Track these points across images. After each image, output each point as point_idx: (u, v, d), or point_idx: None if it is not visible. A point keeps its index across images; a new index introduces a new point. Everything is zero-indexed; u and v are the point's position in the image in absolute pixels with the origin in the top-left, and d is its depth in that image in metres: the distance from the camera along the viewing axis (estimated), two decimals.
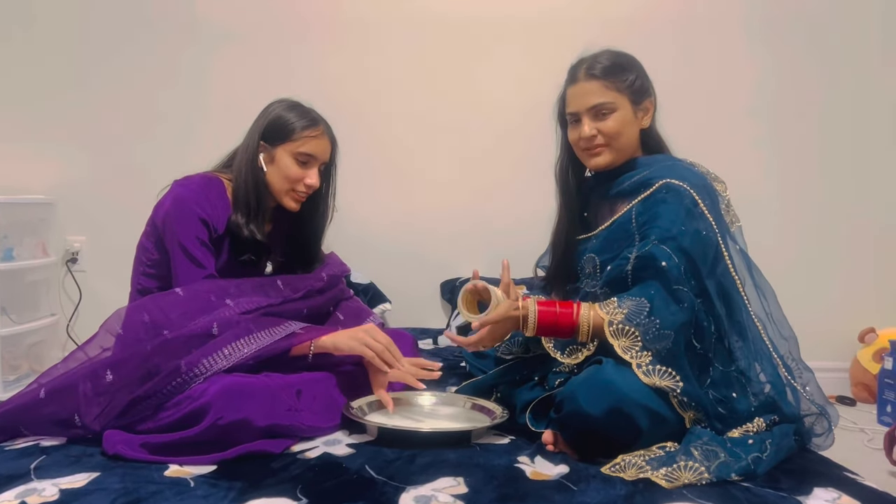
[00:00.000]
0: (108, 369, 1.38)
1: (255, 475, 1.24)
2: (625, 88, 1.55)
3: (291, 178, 1.65)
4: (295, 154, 1.64)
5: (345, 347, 1.53)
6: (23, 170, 2.78)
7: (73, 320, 2.81)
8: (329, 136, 1.71)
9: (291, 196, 1.68)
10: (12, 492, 1.15)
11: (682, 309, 1.41)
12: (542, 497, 1.17)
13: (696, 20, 2.76)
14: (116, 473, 1.23)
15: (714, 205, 1.53)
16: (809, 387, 1.53)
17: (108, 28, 2.80)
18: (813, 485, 1.25)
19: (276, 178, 1.66)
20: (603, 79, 1.55)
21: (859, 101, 2.76)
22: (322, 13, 2.80)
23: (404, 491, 1.17)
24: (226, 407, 1.30)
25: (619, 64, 1.57)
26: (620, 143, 1.58)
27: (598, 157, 1.59)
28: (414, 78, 2.82)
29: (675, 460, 1.27)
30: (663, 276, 1.42)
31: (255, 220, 1.65)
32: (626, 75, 1.56)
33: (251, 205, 1.64)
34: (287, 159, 1.64)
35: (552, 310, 1.47)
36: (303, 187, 1.67)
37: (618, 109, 1.55)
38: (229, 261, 1.66)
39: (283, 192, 1.67)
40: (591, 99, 1.55)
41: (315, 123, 1.67)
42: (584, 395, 1.33)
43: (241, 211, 1.64)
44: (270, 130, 1.66)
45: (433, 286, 2.84)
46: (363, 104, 2.79)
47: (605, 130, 1.56)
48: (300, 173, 1.65)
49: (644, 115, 1.60)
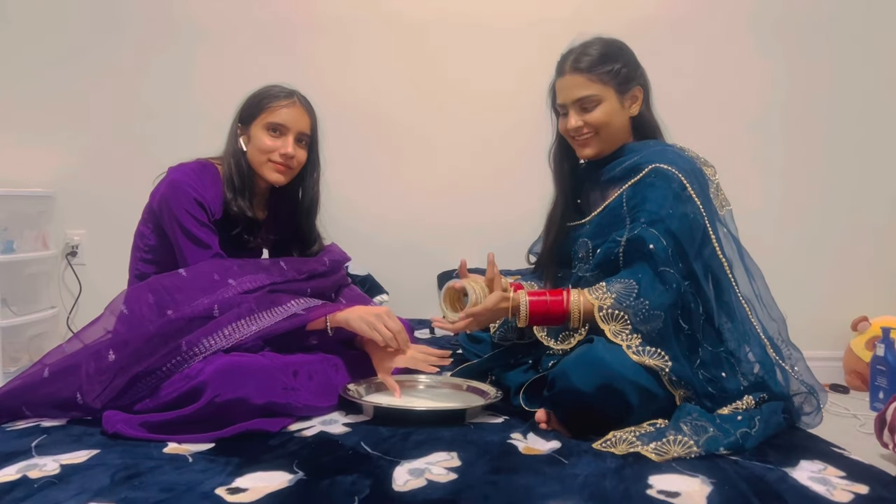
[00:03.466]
0: (111, 349, 1.41)
1: (253, 451, 1.26)
2: (609, 80, 1.57)
3: (265, 149, 1.66)
4: (266, 125, 1.67)
5: (356, 327, 1.56)
6: (23, 163, 2.80)
7: (72, 313, 2.83)
8: (304, 106, 1.72)
9: (271, 167, 1.68)
10: (14, 467, 1.17)
11: (669, 290, 1.43)
12: (534, 470, 1.19)
13: (704, 20, 2.80)
14: (116, 451, 1.25)
15: (703, 189, 1.56)
16: (798, 367, 1.56)
17: (107, 22, 2.82)
18: (800, 458, 1.28)
19: (254, 153, 1.68)
20: (587, 72, 1.57)
21: (863, 95, 2.78)
22: (334, 9, 2.83)
23: (398, 464, 1.20)
24: (223, 385, 1.32)
25: (605, 55, 1.58)
26: (608, 133, 1.60)
27: (586, 147, 1.63)
28: (413, 71, 2.84)
29: (664, 435, 1.29)
30: (650, 259, 1.45)
31: (242, 196, 1.67)
32: (611, 66, 1.57)
33: (236, 184, 1.67)
34: (259, 132, 1.67)
35: (543, 299, 1.49)
36: (278, 157, 1.67)
37: (603, 101, 1.58)
38: (225, 245, 1.68)
39: (261, 164, 1.68)
40: (576, 92, 1.59)
41: (286, 95, 1.69)
42: (576, 372, 1.35)
43: (229, 191, 1.67)
44: (245, 111, 1.70)
45: (430, 277, 2.85)
46: (362, 97, 2.81)
47: (592, 121, 1.59)
48: (273, 144, 1.66)
49: (632, 103, 1.62)
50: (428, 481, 1.13)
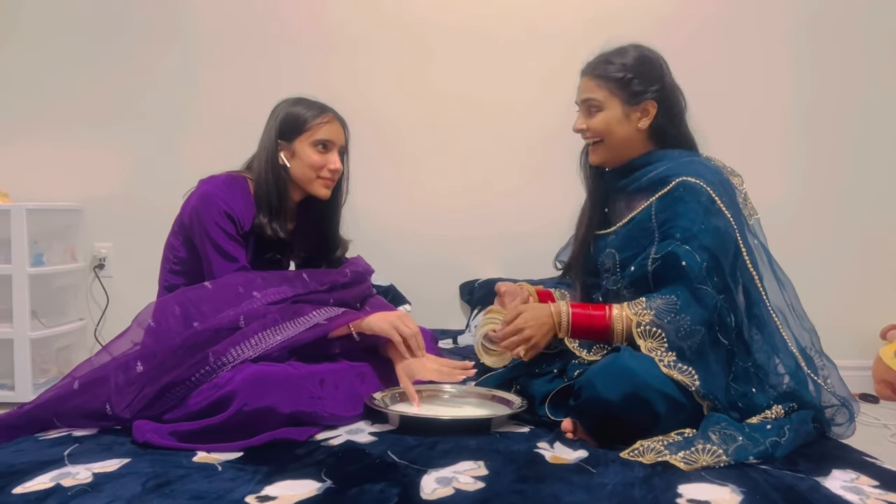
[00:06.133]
0: (139, 360, 1.43)
1: (281, 460, 1.27)
2: (618, 90, 1.57)
3: (315, 165, 1.71)
4: (313, 142, 1.71)
5: (376, 328, 1.60)
6: (52, 177, 2.86)
7: (100, 325, 2.87)
8: (339, 120, 1.77)
9: (321, 183, 1.74)
10: (48, 475, 1.19)
11: (706, 308, 1.42)
12: (561, 479, 1.18)
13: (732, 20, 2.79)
14: (146, 459, 1.26)
15: (731, 200, 1.54)
16: (831, 379, 1.53)
17: (136, 37, 2.88)
18: (831, 467, 1.26)
19: (301, 169, 1.72)
20: (597, 77, 1.59)
21: (890, 100, 2.76)
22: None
23: (426, 473, 1.20)
24: (251, 394, 1.34)
25: (624, 65, 1.57)
26: (612, 142, 1.60)
27: (593, 153, 1.64)
28: (432, 82, 2.87)
29: (692, 444, 1.28)
30: (686, 276, 1.44)
31: (278, 218, 1.71)
32: (623, 75, 1.56)
33: (272, 203, 1.70)
34: (307, 149, 1.71)
35: (585, 312, 1.49)
36: (327, 172, 1.72)
37: (605, 109, 1.58)
38: (253, 260, 1.71)
39: (311, 181, 1.73)
40: (584, 94, 1.61)
41: (324, 110, 1.74)
42: (602, 381, 1.35)
43: (263, 211, 1.70)
44: (284, 127, 1.72)
45: (452, 288, 2.87)
46: (380, 110, 2.83)
47: (591, 127, 1.60)
48: (322, 160, 1.71)
49: (642, 116, 1.58)
50: (456, 490, 1.13)
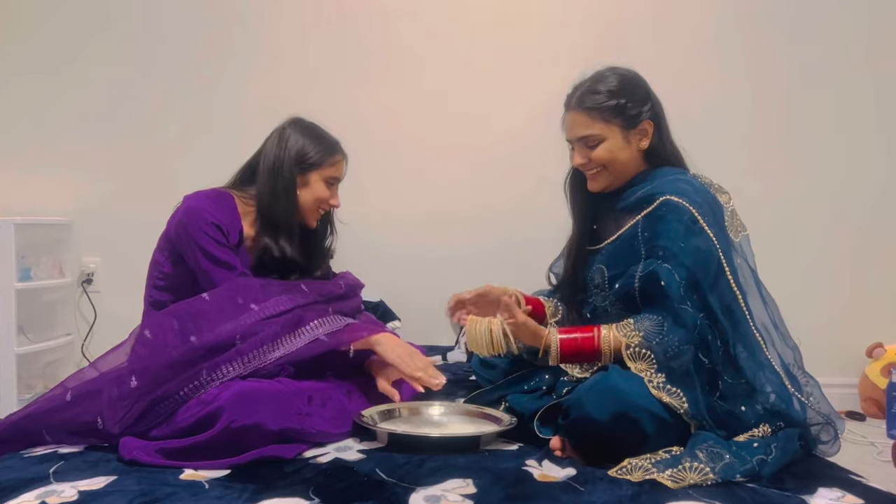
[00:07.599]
0: (134, 375, 1.42)
1: (268, 478, 1.26)
2: (614, 117, 1.57)
3: (322, 199, 1.76)
4: (326, 178, 1.75)
5: (391, 354, 1.60)
6: (40, 192, 2.85)
7: (87, 340, 2.86)
8: (345, 156, 1.82)
9: (316, 214, 1.78)
10: (33, 493, 1.18)
11: (686, 327, 1.43)
12: (550, 497, 1.19)
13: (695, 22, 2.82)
14: (133, 477, 1.25)
15: (716, 219, 1.55)
16: (814, 396, 1.54)
17: (123, 52, 2.89)
18: (818, 485, 1.27)
19: (309, 199, 1.75)
20: (589, 111, 1.57)
21: (881, 113, 2.80)
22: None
23: (414, 491, 1.20)
24: (238, 411, 1.33)
25: (611, 91, 1.57)
26: (616, 168, 1.60)
27: (594, 181, 1.64)
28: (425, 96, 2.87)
29: (680, 462, 1.29)
30: (666, 295, 1.45)
31: (287, 237, 1.72)
32: (615, 102, 1.56)
33: (279, 225, 1.72)
34: (320, 183, 1.75)
35: (573, 337, 1.49)
36: (327, 206, 1.78)
37: (606, 139, 1.58)
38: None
39: (312, 211, 1.77)
40: (579, 131, 1.59)
41: (338, 148, 1.78)
42: (591, 400, 1.35)
43: (269, 232, 1.71)
44: (302, 158, 1.73)
45: (441, 304, 2.85)
46: (372, 123, 2.83)
47: (596, 158, 1.59)
48: (328, 194, 1.76)
49: (642, 137, 1.60)
50: None
